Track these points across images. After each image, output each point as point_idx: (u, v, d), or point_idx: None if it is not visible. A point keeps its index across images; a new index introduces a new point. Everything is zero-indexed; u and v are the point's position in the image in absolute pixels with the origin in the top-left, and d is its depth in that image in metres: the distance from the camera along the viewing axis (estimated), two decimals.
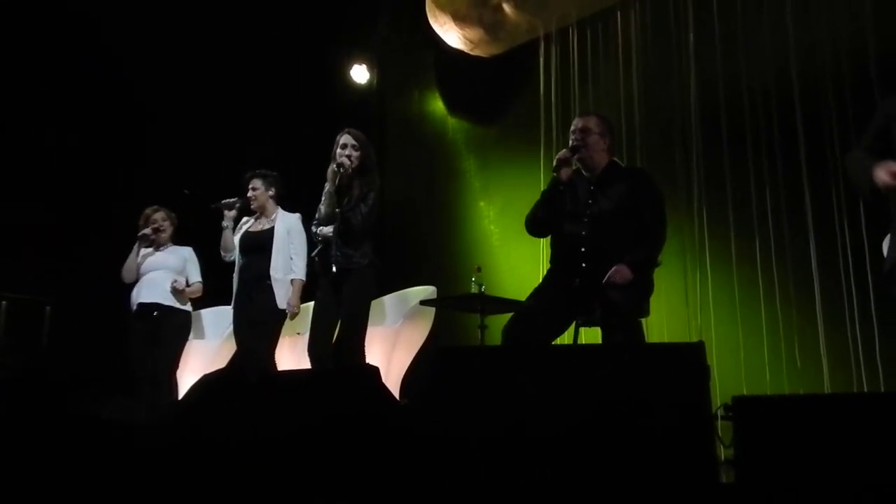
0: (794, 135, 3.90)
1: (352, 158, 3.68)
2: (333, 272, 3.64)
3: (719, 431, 2.80)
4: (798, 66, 3.97)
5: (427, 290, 4.57)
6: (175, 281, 4.46)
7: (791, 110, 3.94)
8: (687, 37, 4.48)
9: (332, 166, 3.69)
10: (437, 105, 6.41)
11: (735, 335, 3.97)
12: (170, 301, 4.44)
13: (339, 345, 3.65)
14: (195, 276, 4.60)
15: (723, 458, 2.47)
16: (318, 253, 3.80)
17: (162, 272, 4.49)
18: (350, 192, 3.67)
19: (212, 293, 4.69)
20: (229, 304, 4.25)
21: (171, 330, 4.39)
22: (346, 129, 3.80)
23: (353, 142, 3.73)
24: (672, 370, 1.75)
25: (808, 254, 3.76)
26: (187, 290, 4.53)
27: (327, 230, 3.71)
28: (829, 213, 3.72)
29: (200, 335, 4.94)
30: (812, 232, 3.77)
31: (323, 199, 3.77)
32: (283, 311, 4.07)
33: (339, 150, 3.70)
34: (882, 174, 2.18)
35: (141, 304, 4.42)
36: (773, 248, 3.93)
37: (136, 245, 4.56)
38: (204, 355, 4.90)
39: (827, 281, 3.70)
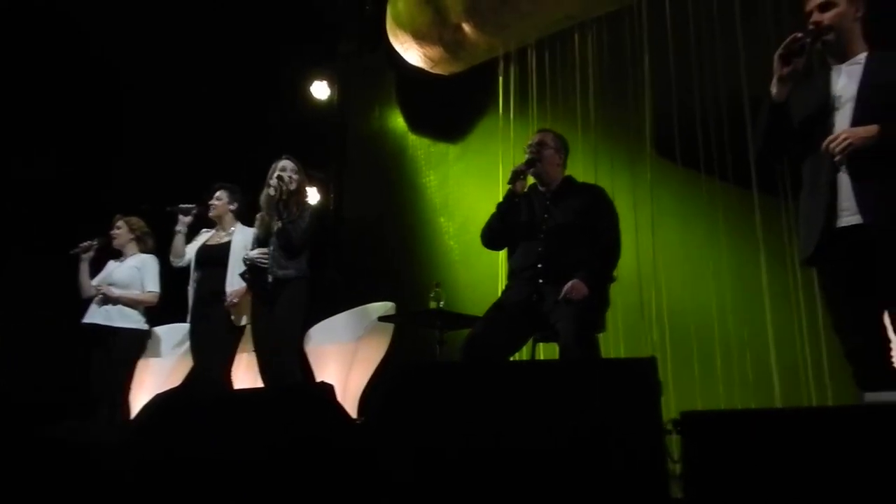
0: (745, 156, 4.00)
1: (291, 179, 3.86)
2: (269, 285, 3.76)
3: (673, 447, 2.84)
4: (750, 88, 4.07)
5: (386, 306, 4.55)
6: (100, 287, 4.36)
7: (742, 132, 4.03)
8: (642, 58, 4.57)
9: (268, 191, 3.85)
10: (398, 122, 6.43)
11: (689, 350, 4.03)
12: (110, 321, 4.32)
13: (276, 360, 3.73)
14: (150, 285, 4.48)
15: (677, 473, 2.50)
16: (248, 273, 3.87)
17: (110, 289, 4.40)
18: (288, 209, 3.82)
19: (166, 309, 4.60)
20: (184, 321, 4.18)
21: (117, 350, 4.28)
22: (285, 156, 3.96)
23: (293, 166, 3.92)
24: (625, 385, 1.77)
25: (759, 272, 3.85)
26: (137, 297, 4.42)
27: (255, 252, 3.85)
28: (778, 232, 3.82)
29: (155, 352, 4.83)
30: (762, 249, 3.86)
31: (257, 224, 3.96)
32: (241, 327, 4.03)
33: (278, 173, 3.84)
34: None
35: (87, 324, 4.34)
36: (725, 265, 4.02)
37: (80, 262, 4.47)
38: (158, 373, 4.80)
39: (777, 297, 3.78)
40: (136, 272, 4.47)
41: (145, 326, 4.44)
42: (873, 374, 2.20)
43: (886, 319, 2.23)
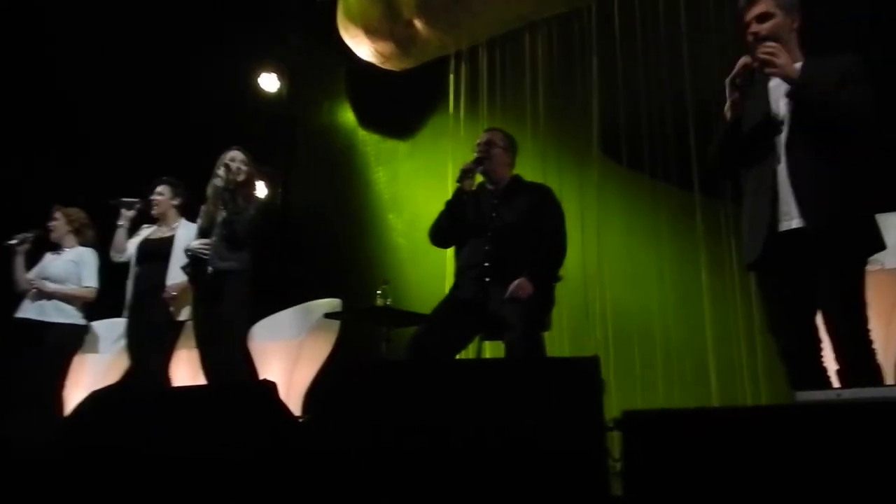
0: (689, 159, 4.10)
1: (241, 171, 3.76)
2: (209, 276, 3.63)
3: (615, 444, 2.89)
4: (693, 93, 4.17)
5: (332, 303, 4.51)
6: (34, 281, 4.22)
7: (686, 136, 4.13)
8: (591, 60, 4.64)
9: (215, 181, 3.73)
10: (348, 116, 6.38)
11: (631, 349, 4.11)
12: (44, 316, 4.17)
13: (217, 355, 3.63)
14: (88, 280, 4.33)
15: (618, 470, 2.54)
16: (189, 265, 3.74)
17: (44, 283, 4.25)
18: (234, 201, 3.71)
19: (105, 304, 4.46)
20: (122, 316, 4.06)
21: (52, 345, 4.13)
22: (235, 147, 3.86)
23: (243, 157, 3.82)
24: (568, 384, 1.79)
25: (699, 272, 3.96)
26: (73, 292, 4.29)
27: (197, 243, 3.71)
28: (717, 234, 3.92)
29: (92, 349, 4.68)
30: (703, 250, 3.97)
31: (201, 214, 3.82)
32: (180, 322, 3.94)
33: (227, 163, 3.74)
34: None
35: (20, 319, 4.18)
36: (668, 266, 4.11)
37: (15, 255, 4.31)
38: (95, 370, 4.66)
39: (715, 298, 3.89)
40: (73, 266, 4.32)
41: (83, 321, 4.30)
42: (805, 374, 2.28)
43: (819, 320, 2.31)
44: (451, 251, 3.56)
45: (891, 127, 2.54)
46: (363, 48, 5.55)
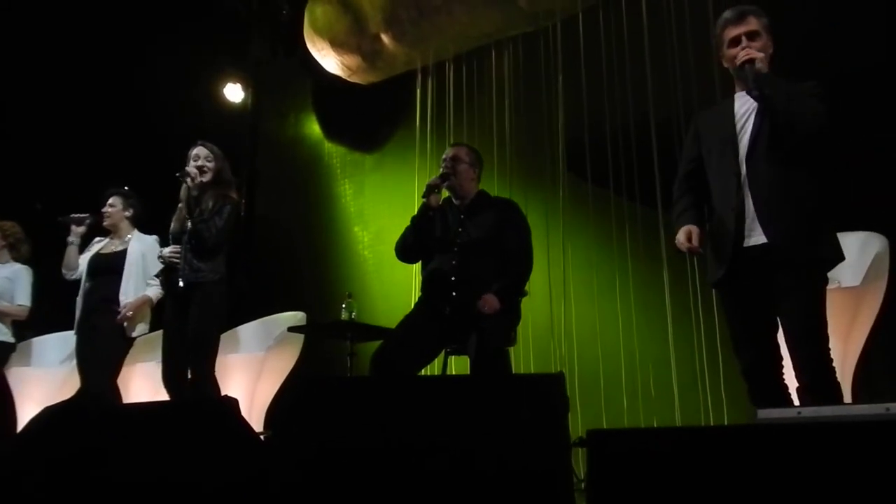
0: (652, 176, 4.15)
1: (203, 169, 3.54)
2: (181, 288, 3.42)
3: (580, 460, 2.89)
4: (656, 110, 4.23)
5: (296, 316, 4.46)
6: None
7: (649, 153, 4.19)
8: (556, 77, 4.68)
9: (185, 183, 3.53)
10: (314, 129, 6.35)
11: (596, 365, 4.13)
12: None
13: (181, 368, 3.45)
14: (21, 298, 4.22)
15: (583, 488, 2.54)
16: (162, 273, 3.56)
17: None
18: (203, 204, 3.50)
19: (57, 317, 4.34)
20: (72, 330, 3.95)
21: None
22: (199, 142, 3.64)
23: (207, 153, 3.58)
24: (533, 401, 1.79)
25: (663, 288, 4.00)
26: (5, 310, 4.16)
27: (168, 250, 3.50)
28: (680, 252, 3.96)
29: (44, 363, 4.56)
30: (666, 268, 4.01)
31: (174, 219, 3.60)
32: (131, 338, 3.83)
33: (191, 163, 3.55)
34: (681, 238, 2.47)
35: None
36: (631, 282, 4.15)
37: None
38: (49, 385, 4.53)
39: (678, 314, 3.93)
40: (7, 283, 4.20)
41: (11, 339, 4.19)
42: (767, 391, 2.31)
43: (780, 336, 2.35)
44: (417, 265, 3.54)
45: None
46: (329, 61, 5.53)
